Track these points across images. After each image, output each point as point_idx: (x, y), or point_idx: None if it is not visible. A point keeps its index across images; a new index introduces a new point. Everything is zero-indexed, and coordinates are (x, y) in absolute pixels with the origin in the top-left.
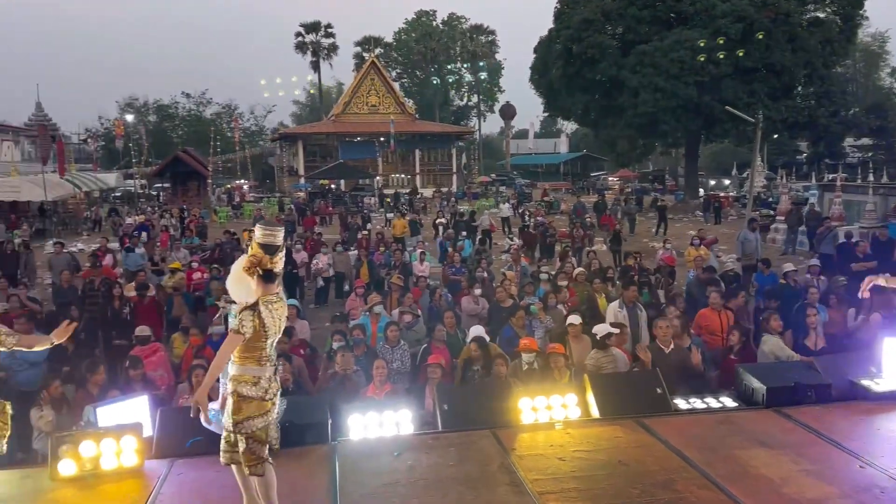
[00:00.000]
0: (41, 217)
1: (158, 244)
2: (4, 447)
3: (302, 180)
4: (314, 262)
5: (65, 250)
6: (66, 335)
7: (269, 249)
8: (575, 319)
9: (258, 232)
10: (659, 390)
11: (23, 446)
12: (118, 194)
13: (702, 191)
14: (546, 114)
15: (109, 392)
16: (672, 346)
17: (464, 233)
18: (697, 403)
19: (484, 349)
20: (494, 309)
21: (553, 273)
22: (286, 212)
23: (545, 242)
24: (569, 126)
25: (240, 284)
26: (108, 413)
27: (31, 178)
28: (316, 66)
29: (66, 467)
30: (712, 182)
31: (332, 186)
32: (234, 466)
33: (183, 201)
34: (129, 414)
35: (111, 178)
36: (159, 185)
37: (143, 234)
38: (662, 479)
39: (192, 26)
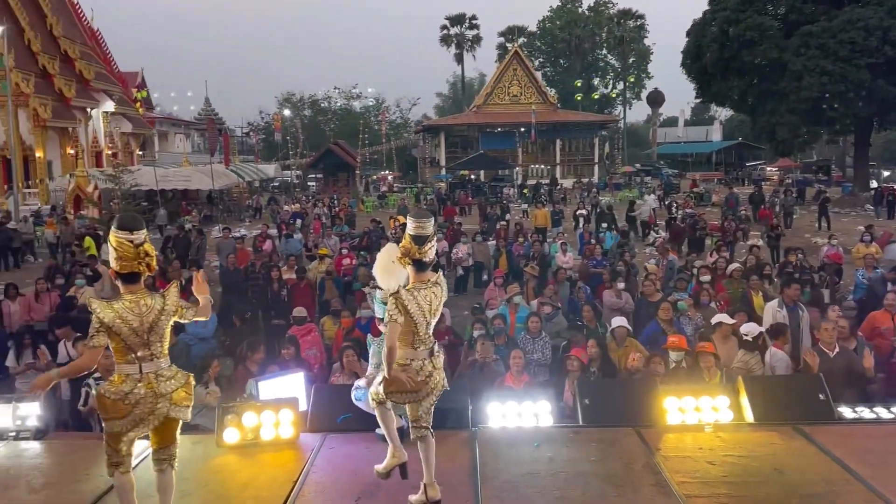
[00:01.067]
0: (209, 204)
1: (311, 231)
2: (189, 415)
3: (443, 171)
4: (454, 251)
5: (230, 235)
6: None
7: (419, 240)
8: (725, 318)
9: (409, 224)
10: (822, 396)
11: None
12: (276, 184)
13: (874, 182)
14: (698, 100)
15: (268, 368)
16: (837, 349)
17: (604, 224)
18: (865, 412)
19: (602, 349)
20: (641, 304)
21: (701, 268)
22: (427, 202)
23: (694, 236)
24: (722, 113)
25: (385, 272)
26: (268, 387)
27: (201, 168)
28: (460, 59)
29: (231, 435)
30: (886, 173)
31: (472, 177)
32: (420, 442)
33: (333, 191)
34: (287, 389)
35: (270, 169)
36: (313, 175)
37: (298, 221)
38: (823, 490)
39: (344, 25)
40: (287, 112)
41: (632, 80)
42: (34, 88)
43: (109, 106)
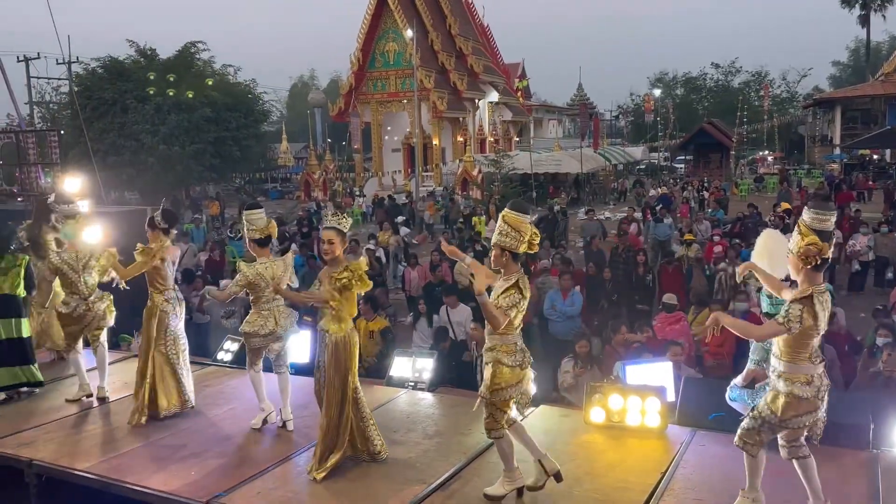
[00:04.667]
0: (576, 187)
1: (678, 215)
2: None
3: (836, 150)
4: (850, 242)
5: (595, 218)
6: None
7: (824, 236)
8: None
9: (807, 215)
10: None
11: (556, 386)
12: (642, 167)
13: None
14: None
15: (635, 352)
16: None
17: None
18: None
19: None
20: None
21: None
22: (818, 186)
23: None
24: None
25: (771, 259)
26: (635, 372)
27: (570, 152)
28: (865, 20)
29: (597, 415)
30: None
31: (875, 157)
32: (796, 461)
33: (704, 173)
34: (654, 376)
35: (637, 152)
36: (682, 157)
37: (662, 206)
38: None
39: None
40: (658, 92)
41: None
42: (434, 84)
43: (494, 96)
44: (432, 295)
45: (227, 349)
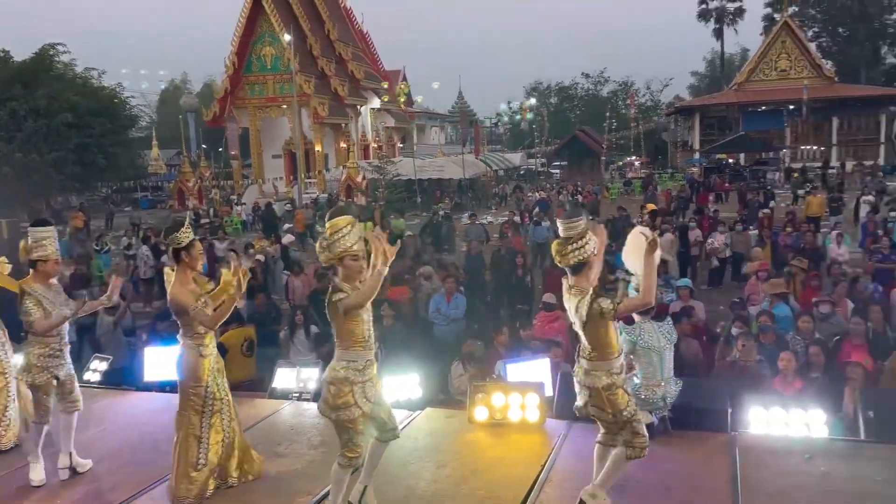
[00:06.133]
0: (459, 193)
1: (555, 218)
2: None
3: (696, 155)
4: (709, 241)
5: (477, 221)
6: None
7: (565, 242)
8: None
9: (559, 226)
10: None
11: (442, 388)
12: (521, 172)
13: None
14: None
15: (515, 352)
16: None
17: (893, 213)
18: None
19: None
20: None
21: None
22: (680, 188)
23: None
24: None
25: (637, 257)
26: (516, 370)
27: (453, 158)
28: (719, 34)
29: (480, 413)
30: None
31: (731, 161)
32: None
33: (578, 178)
34: (533, 373)
35: (516, 158)
36: (557, 163)
37: (540, 209)
38: None
39: (593, 6)
40: (533, 101)
41: None
42: (314, 89)
43: (376, 103)
44: (318, 303)
45: (95, 369)
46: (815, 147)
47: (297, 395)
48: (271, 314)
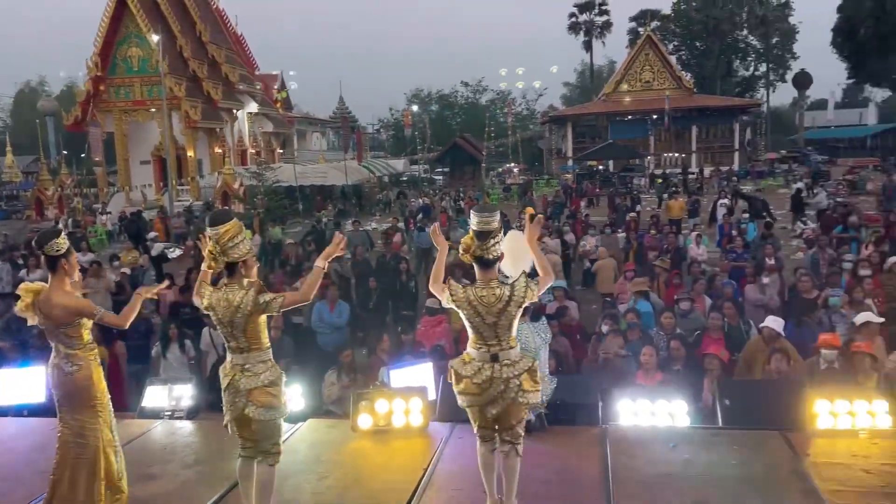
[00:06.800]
0: (343, 199)
1: (438, 224)
2: (265, 416)
3: (570, 162)
4: (582, 243)
5: (361, 228)
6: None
7: (481, 236)
8: (872, 317)
9: (472, 218)
10: None
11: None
12: (405, 179)
13: None
14: (851, 80)
15: (398, 358)
16: None
17: (746, 215)
18: None
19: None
20: (795, 300)
21: (860, 262)
22: (555, 193)
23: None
24: (879, 94)
25: (509, 259)
26: (399, 376)
27: (335, 164)
28: (588, 46)
29: (364, 421)
30: None
31: (601, 167)
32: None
33: (460, 184)
34: (417, 378)
35: (399, 164)
36: (440, 169)
37: (423, 215)
38: None
39: (470, 16)
40: (415, 108)
41: (777, 51)
42: (186, 92)
43: (253, 107)
44: (180, 316)
45: None
46: (676, 154)
47: (169, 413)
48: (140, 328)
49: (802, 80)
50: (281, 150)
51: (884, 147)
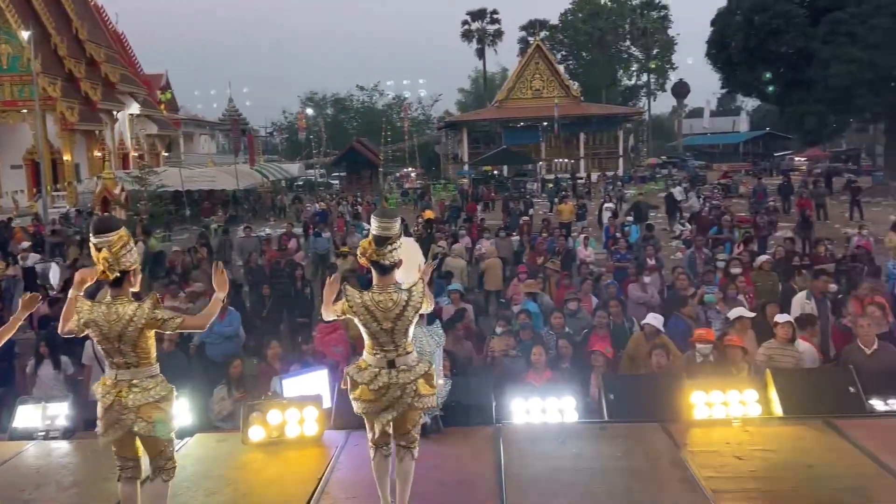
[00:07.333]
0: (234, 204)
1: (336, 230)
2: (156, 433)
3: (466, 167)
4: (477, 247)
5: (253, 234)
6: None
7: (379, 241)
8: (744, 312)
9: (372, 223)
10: (852, 389)
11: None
12: (300, 183)
13: None
14: (724, 90)
15: (291, 366)
16: (876, 345)
17: (629, 218)
18: None
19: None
20: (673, 297)
21: (732, 260)
22: (452, 198)
23: (720, 227)
24: (749, 103)
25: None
26: (292, 385)
27: (226, 168)
28: (481, 54)
29: (256, 433)
30: None
31: (496, 172)
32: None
33: (357, 189)
34: (311, 386)
35: (294, 168)
36: (336, 173)
37: (320, 220)
38: (854, 485)
39: (367, 20)
40: (310, 111)
41: (653, 65)
42: (61, 93)
43: (135, 108)
44: (51, 330)
45: None
46: (566, 159)
47: (43, 433)
48: (5, 346)
49: (681, 90)
50: (166, 154)
51: (755, 153)
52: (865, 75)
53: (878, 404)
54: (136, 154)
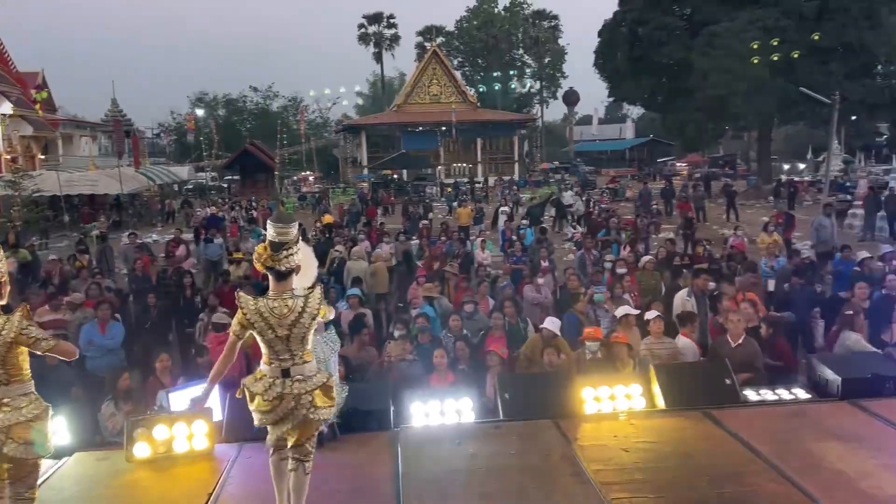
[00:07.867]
0: (117, 209)
1: (228, 235)
2: (19, 453)
3: (365, 171)
4: (377, 251)
5: (138, 241)
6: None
7: (275, 246)
8: (630, 310)
9: (269, 228)
10: (728, 381)
11: (98, 430)
12: (190, 187)
13: (783, 177)
14: (611, 99)
15: (180, 378)
16: (742, 339)
17: (525, 221)
18: (768, 395)
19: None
20: (565, 296)
21: (618, 261)
22: (350, 202)
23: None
24: (634, 111)
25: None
26: (180, 398)
27: (108, 171)
28: (379, 58)
29: (141, 450)
30: (786, 166)
31: (395, 176)
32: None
33: (252, 193)
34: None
35: (183, 171)
36: (229, 177)
37: (212, 226)
38: (730, 471)
39: (259, 21)
40: (200, 112)
41: (549, 70)
42: None
43: (7, 108)
44: None
45: None
46: (464, 164)
47: None
48: None
49: (571, 98)
50: (43, 157)
51: (640, 159)
52: (739, 85)
53: (751, 395)
54: (8, 157)
